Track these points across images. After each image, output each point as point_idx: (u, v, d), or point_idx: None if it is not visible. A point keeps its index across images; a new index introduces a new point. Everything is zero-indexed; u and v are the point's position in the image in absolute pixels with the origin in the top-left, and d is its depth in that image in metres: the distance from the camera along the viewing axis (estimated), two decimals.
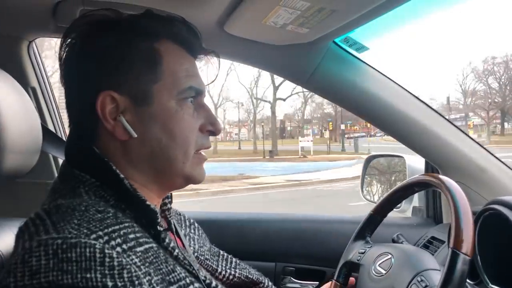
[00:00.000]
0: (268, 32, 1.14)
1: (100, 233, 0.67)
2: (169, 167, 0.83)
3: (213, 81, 0.97)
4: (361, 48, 1.29)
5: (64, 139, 1.43)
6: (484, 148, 1.47)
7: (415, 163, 1.73)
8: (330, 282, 1.18)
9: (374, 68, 1.37)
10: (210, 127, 0.87)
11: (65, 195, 0.77)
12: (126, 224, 0.73)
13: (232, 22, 1.14)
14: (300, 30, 1.09)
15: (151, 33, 0.82)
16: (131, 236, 0.71)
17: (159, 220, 0.80)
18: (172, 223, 0.94)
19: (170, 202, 0.96)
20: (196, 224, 1.12)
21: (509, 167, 1.47)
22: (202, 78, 0.88)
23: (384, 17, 1.04)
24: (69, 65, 0.83)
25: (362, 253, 1.10)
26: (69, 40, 0.83)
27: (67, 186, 0.79)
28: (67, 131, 0.91)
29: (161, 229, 0.80)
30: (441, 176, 0.95)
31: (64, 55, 0.83)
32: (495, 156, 1.47)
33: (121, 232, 0.70)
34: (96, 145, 0.81)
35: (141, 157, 0.82)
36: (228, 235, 1.55)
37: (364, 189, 1.95)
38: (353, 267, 1.13)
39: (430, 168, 1.60)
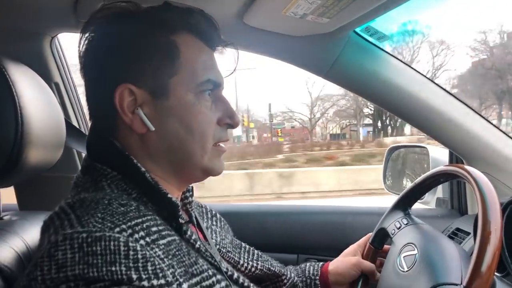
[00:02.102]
0: (288, 23, 1.13)
1: (124, 226, 0.68)
2: (187, 161, 0.83)
3: (231, 73, 0.97)
4: (383, 37, 1.27)
5: (87, 134, 1.45)
6: (509, 137, 1.43)
7: (439, 154, 1.70)
8: (364, 243, 1.19)
9: (396, 58, 1.34)
10: (228, 120, 0.86)
11: (88, 189, 0.78)
12: (149, 217, 0.73)
13: (252, 14, 1.13)
14: (320, 20, 1.07)
15: (169, 25, 0.82)
16: (154, 229, 0.72)
17: (180, 213, 0.80)
18: (194, 215, 0.95)
19: (191, 195, 0.97)
20: (218, 216, 1.12)
21: None
22: (220, 71, 0.88)
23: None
24: (88, 59, 0.84)
25: (398, 228, 1.09)
26: (87, 33, 0.84)
27: (89, 179, 0.80)
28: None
29: (183, 221, 0.80)
30: (467, 167, 0.93)
31: (83, 48, 0.84)
32: None
33: (144, 225, 0.71)
34: (115, 138, 0.82)
35: (159, 151, 0.82)
36: (250, 227, 1.56)
37: (386, 180, 1.93)
38: (387, 237, 1.13)
39: (454, 159, 1.57)
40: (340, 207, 1.72)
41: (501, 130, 1.42)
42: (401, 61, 1.35)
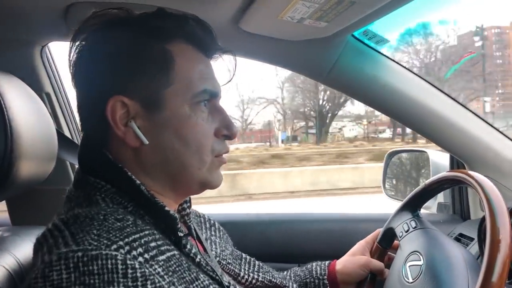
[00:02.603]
0: (285, 27, 1.10)
1: (121, 243, 0.65)
2: (184, 174, 0.80)
3: (229, 81, 0.94)
4: (381, 40, 1.25)
5: None
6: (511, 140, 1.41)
7: (439, 158, 1.68)
8: (372, 240, 1.18)
9: (395, 61, 1.32)
10: (225, 131, 0.83)
11: (81, 204, 0.75)
12: (147, 232, 0.70)
13: (248, 19, 1.10)
14: (318, 24, 1.05)
15: (163, 33, 0.79)
16: (153, 244, 0.69)
17: (178, 226, 0.77)
18: (192, 227, 0.92)
19: (189, 207, 0.94)
20: (217, 225, 1.09)
21: None
22: (217, 79, 0.85)
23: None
24: (79, 69, 0.80)
25: (406, 231, 1.06)
26: (78, 42, 0.81)
27: (82, 193, 0.77)
28: None
29: (182, 235, 0.77)
30: (473, 173, 0.91)
31: (74, 57, 0.81)
32: None
33: (142, 241, 0.68)
34: (108, 151, 0.79)
35: (154, 165, 0.79)
36: (250, 236, 1.52)
37: (386, 185, 1.90)
38: (395, 237, 1.11)
39: (455, 163, 1.55)
40: (341, 215, 1.69)
41: (502, 133, 1.40)
42: (401, 65, 1.33)
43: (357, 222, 1.60)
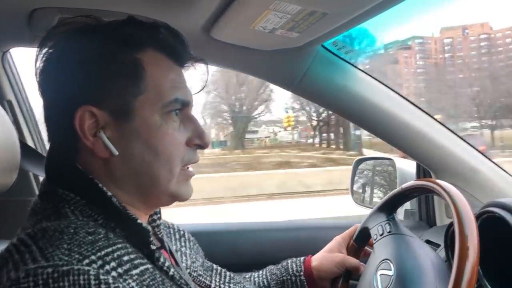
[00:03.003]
0: (257, 37, 1.10)
1: (93, 257, 0.62)
2: (154, 185, 0.78)
3: (200, 90, 0.93)
4: (350, 51, 1.27)
5: (44, 155, 1.37)
6: (476, 149, 1.45)
7: (405, 166, 1.71)
8: (348, 236, 1.18)
9: (363, 71, 1.34)
10: (198, 141, 0.82)
11: (49, 216, 0.72)
12: (119, 245, 0.68)
13: (219, 28, 1.09)
14: (289, 35, 1.05)
15: (134, 42, 0.77)
16: (126, 258, 0.67)
17: (151, 239, 0.76)
18: (164, 240, 0.90)
19: (159, 218, 0.92)
20: (187, 235, 1.07)
21: (500, 167, 1.46)
22: (189, 88, 0.83)
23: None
24: (46, 77, 0.78)
25: (381, 234, 1.07)
26: (45, 49, 0.78)
27: (50, 206, 0.74)
28: (48, 147, 0.85)
29: (154, 248, 0.76)
30: (441, 182, 0.93)
31: (41, 65, 0.78)
32: (486, 157, 1.46)
33: (115, 255, 0.66)
34: (77, 162, 0.76)
35: (124, 175, 0.77)
36: (220, 246, 1.50)
37: (354, 192, 1.92)
38: (370, 236, 1.11)
39: (421, 171, 1.58)
40: (311, 222, 1.70)
41: (467, 142, 1.44)
42: (369, 74, 1.35)
43: (326, 230, 1.60)
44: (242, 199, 11.59)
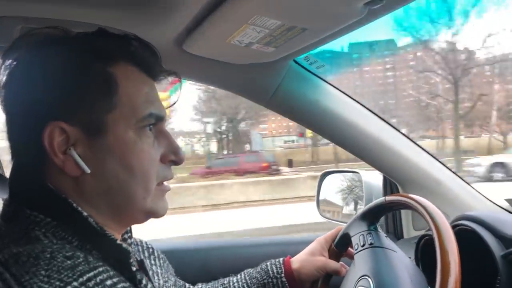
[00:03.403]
0: (231, 51, 1.08)
1: (75, 283, 0.59)
2: (129, 204, 0.75)
3: (173, 104, 0.90)
4: (322, 66, 1.27)
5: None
6: (439, 161, 1.49)
7: (371, 178, 1.73)
8: (331, 238, 1.17)
9: (334, 86, 1.35)
10: (172, 157, 0.79)
11: (18, 240, 0.66)
12: (101, 269, 0.65)
13: (192, 41, 1.07)
14: (265, 49, 1.04)
15: (105, 54, 0.74)
16: (109, 282, 0.64)
17: (131, 260, 0.72)
18: (142, 260, 0.86)
19: (130, 237, 0.88)
20: (156, 253, 1.03)
21: (461, 178, 1.51)
22: (162, 103, 0.81)
23: None
24: (10, 91, 0.73)
25: (362, 245, 1.06)
26: (9, 61, 0.73)
27: (17, 228, 0.69)
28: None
29: (135, 269, 0.72)
30: (418, 198, 0.95)
31: (4, 78, 0.73)
32: (449, 169, 1.50)
33: (97, 279, 0.62)
34: (45, 180, 0.72)
35: (96, 194, 0.73)
36: (191, 264, 1.47)
37: (320, 206, 1.93)
38: (350, 243, 1.10)
39: (388, 184, 1.61)
40: (282, 238, 1.69)
41: (430, 154, 1.48)
42: (339, 89, 1.36)
43: (298, 245, 1.59)
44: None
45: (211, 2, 0.91)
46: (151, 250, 1.02)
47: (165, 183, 0.80)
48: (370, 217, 1.10)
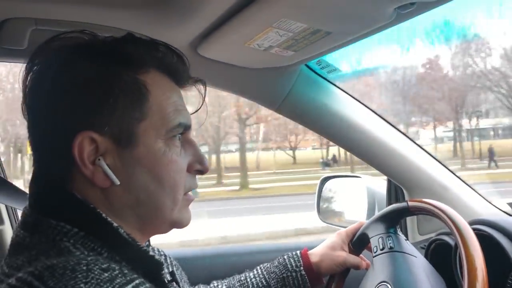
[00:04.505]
0: (247, 55, 1.07)
1: None
2: (156, 215, 0.73)
3: (197, 111, 0.88)
4: (334, 70, 1.26)
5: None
6: (446, 167, 1.50)
7: (373, 183, 1.73)
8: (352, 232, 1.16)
9: (344, 91, 1.35)
10: (199, 166, 0.78)
11: (47, 252, 0.64)
12: (137, 281, 0.63)
13: (208, 44, 1.05)
14: (284, 53, 1.02)
15: (135, 61, 0.72)
16: None
17: (163, 271, 0.71)
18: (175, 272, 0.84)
19: (148, 246, 0.86)
20: (169, 260, 1.01)
21: (467, 184, 1.52)
22: (188, 110, 0.79)
23: None
24: (38, 99, 0.70)
25: (381, 249, 1.05)
26: (36, 67, 0.70)
27: (44, 239, 0.66)
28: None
29: (168, 280, 0.71)
30: (440, 205, 0.95)
31: (30, 85, 0.70)
32: (455, 175, 1.51)
33: None
34: (71, 190, 0.69)
35: (124, 205, 0.71)
36: (195, 273, 1.43)
37: (320, 211, 1.92)
38: (368, 243, 1.10)
39: (393, 188, 1.61)
40: (292, 244, 1.67)
41: (437, 160, 1.49)
42: (350, 94, 1.36)
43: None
44: None
45: (233, 6, 0.89)
46: (164, 257, 1.00)
47: (189, 193, 0.79)
48: (390, 219, 1.09)
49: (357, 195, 1.86)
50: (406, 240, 1.08)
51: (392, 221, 1.09)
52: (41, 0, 0.95)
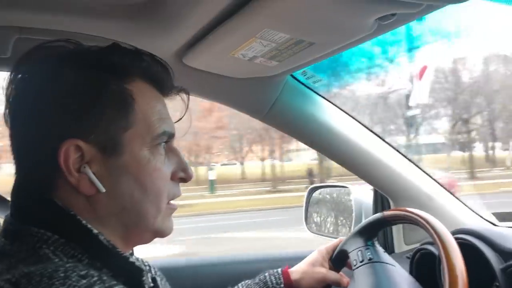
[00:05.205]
0: (232, 64, 1.08)
1: None
2: (140, 223, 0.74)
3: (180, 119, 0.89)
4: (319, 80, 1.28)
5: None
6: (431, 177, 1.51)
7: (360, 193, 1.74)
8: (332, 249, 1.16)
9: (329, 101, 1.36)
10: (182, 174, 0.78)
11: (26, 259, 0.63)
12: None
13: (193, 54, 1.06)
14: (268, 63, 1.03)
15: (121, 71, 0.72)
16: None
17: (144, 278, 0.71)
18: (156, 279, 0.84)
19: (132, 254, 0.86)
20: (153, 270, 1.01)
21: (452, 194, 1.53)
22: (171, 119, 0.80)
23: None
24: (24, 106, 0.70)
25: (361, 261, 1.05)
26: (20, 75, 0.71)
27: (24, 247, 0.66)
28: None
29: (147, 287, 0.72)
30: (422, 213, 0.96)
31: (13, 93, 0.70)
32: (441, 185, 1.52)
33: None
34: (54, 198, 0.69)
35: (109, 213, 0.71)
36: (180, 283, 1.43)
37: (308, 220, 1.92)
38: (347, 259, 1.10)
39: (379, 198, 1.61)
40: (275, 254, 1.67)
41: (423, 170, 1.50)
42: (335, 104, 1.37)
43: (292, 261, 1.58)
44: None
45: (217, 16, 0.90)
46: (147, 267, 1.00)
47: (172, 202, 0.79)
48: (368, 232, 1.11)
49: (345, 205, 1.87)
50: (384, 251, 1.09)
51: (370, 234, 1.10)
52: (25, 9, 0.95)
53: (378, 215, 1.08)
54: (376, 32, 0.87)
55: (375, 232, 1.11)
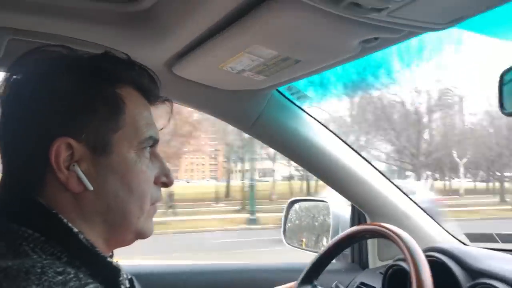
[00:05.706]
0: (220, 77, 1.11)
1: None
2: (123, 222, 0.76)
3: (163, 128, 0.92)
4: (303, 97, 1.32)
5: None
6: (407, 196, 1.56)
7: (339, 208, 1.77)
8: None
9: (312, 117, 1.40)
10: (164, 179, 0.82)
11: (5, 255, 0.65)
12: (92, 286, 0.64)
13: (183, 65, 1.09)
14: (256, 77, 1.07)
15: (113, 77, 0.76)
16: None
17: (121, 278, 0.73)
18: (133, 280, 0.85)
19: (111, 256, 0.87)
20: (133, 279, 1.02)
21: (427, 213, 1.58)
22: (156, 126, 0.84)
23: None
24: (16, 105, 0.72)
25: None
26: (15, 76, 0.73)
27: (4, 244, 0.67)
28: None
29: (124, 287, 0.73)
30: (394, 228, 0.99)
31: (8, 91, 0.73)
32: (416, 204, 1.57)
33: None
34: (40, 195, 0.71)
35: (95, 211, 0.73)
36: None
37: (286, 234, 1.94)
38: None
39: (356, 214, 1.65)
40: (265, 265, 1.69)
41: (400, 189, 1.55)
42: (317, 120, 1.41)
43: (281, 273, 1.61)
44: None
45: (208, 29, 0.93)
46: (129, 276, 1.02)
47: (154, 205, 0.81)
48: (309, 279, 1.13)
49: (323, 220, 1.91)
50: None
51: (312, 277, 1.12)
52: (19, 10, 0.97)
53: (314, 259, 1.11)
54: (360, 53, 0.91)
55: (316, 275, 1.13)
